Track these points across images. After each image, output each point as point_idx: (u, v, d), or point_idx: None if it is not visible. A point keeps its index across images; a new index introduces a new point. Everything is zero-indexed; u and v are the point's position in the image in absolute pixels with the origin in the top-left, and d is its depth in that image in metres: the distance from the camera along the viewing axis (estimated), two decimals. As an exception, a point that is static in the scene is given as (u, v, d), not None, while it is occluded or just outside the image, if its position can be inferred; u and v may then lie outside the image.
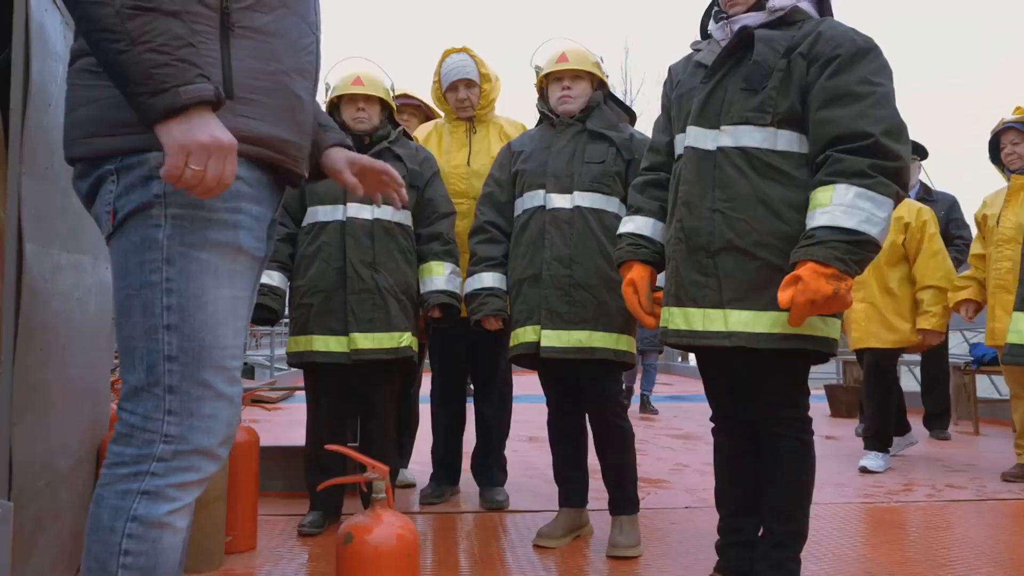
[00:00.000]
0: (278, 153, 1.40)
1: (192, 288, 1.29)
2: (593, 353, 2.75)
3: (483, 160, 3.50)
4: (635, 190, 2.38)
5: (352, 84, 3.15)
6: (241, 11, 1.34)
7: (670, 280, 2.15)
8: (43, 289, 1.95)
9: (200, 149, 1.19)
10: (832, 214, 1.88)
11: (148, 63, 1.16)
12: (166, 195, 1.28)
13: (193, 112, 1.19)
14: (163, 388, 1.29)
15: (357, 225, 3.05)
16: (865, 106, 1.94)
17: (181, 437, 1.29)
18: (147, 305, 1.29)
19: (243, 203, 1.34)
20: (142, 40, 1.16)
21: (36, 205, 1.90)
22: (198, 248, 1.29)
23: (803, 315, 1.89)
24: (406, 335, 3.09)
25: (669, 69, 2.37)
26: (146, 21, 1.17)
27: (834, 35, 2.02)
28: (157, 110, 1.18)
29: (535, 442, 5.20)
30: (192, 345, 1.29)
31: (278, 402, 7.82)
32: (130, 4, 1.16)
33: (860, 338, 4.49)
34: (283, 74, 1.38)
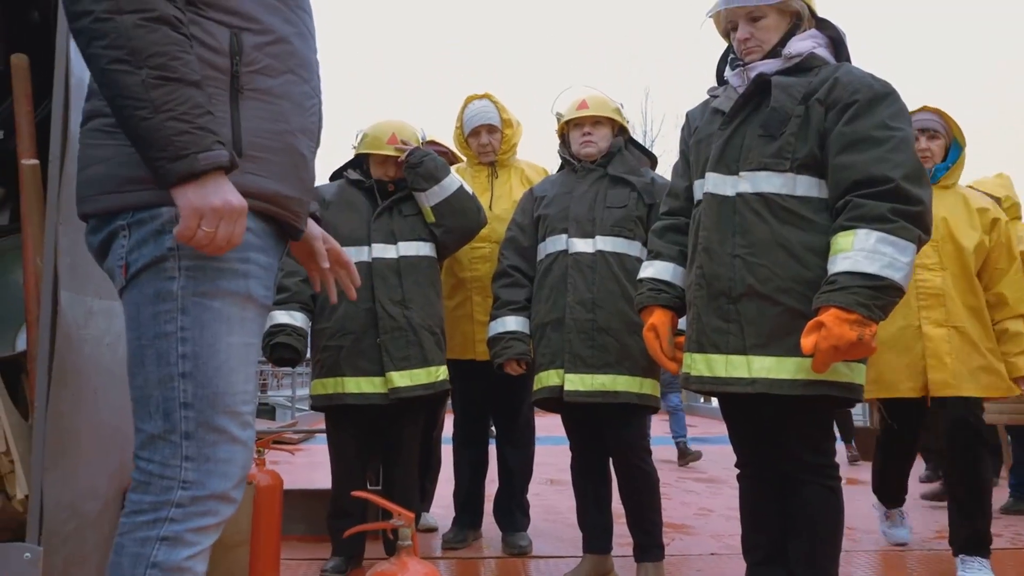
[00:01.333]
0: (282, 208, 1.45)
1: (206, 336, 1.33)
2: (616, 397, 2.75)
3: (505, 204, 3.53)
4: (655, 235, 2.40)
5: (387, 142, 3.20)
6: (250, 74, 1.39)
7: (691, 326, 2.15)
8: (76, 335, 1.99)
9: (212, 212, 1.25)
10: (854, 259, 1.89)
11: (169, 130, 1.22)
12: (179, 247, 1.32)
13: (208, 177, 1.25)
14: (180, 435, 1.32)
15: (384, 265, 3.08)
16: (884, 151, 1.95)
17: (198, 483, 1.32)
18: (162, 355, 1.33)
19: (252, 253, 1.39)
20: (165, 108, 1.22)
21: (71, 253, 1.94)
22: (211, 297, 1.34)
23: (827, 361, 1.88)
24: (441, 368, 3.11)
25: (687, 115, 2.40)
26: (170, 90, 1.23)
27: (851, 80, 2.03)
28: (176, 175, 1.23)
29: (557, 485, 5.15)
30: (207, 392, 1.33)
31: (299, 443, 7.82)
32: (156, 74, 1.22)
33: (944, 381, 2.93)
34: (289, 134, 1.44)
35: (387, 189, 3.20)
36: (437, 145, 4.18)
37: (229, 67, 1.37)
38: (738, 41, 2.18)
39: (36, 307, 1.94)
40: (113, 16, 1.22)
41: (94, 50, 1.23)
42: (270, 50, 1.42)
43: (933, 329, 2.97)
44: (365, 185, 3.20)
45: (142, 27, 1.22)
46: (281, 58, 1.44)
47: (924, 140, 3.10)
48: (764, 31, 2.15)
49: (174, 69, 1.23)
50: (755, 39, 2.15)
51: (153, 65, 1.22)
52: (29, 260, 2.04)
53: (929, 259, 2.99)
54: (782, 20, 2.16)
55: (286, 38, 1.45)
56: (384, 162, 3.21)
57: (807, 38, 2.15)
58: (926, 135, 3.11)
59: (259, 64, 1.40)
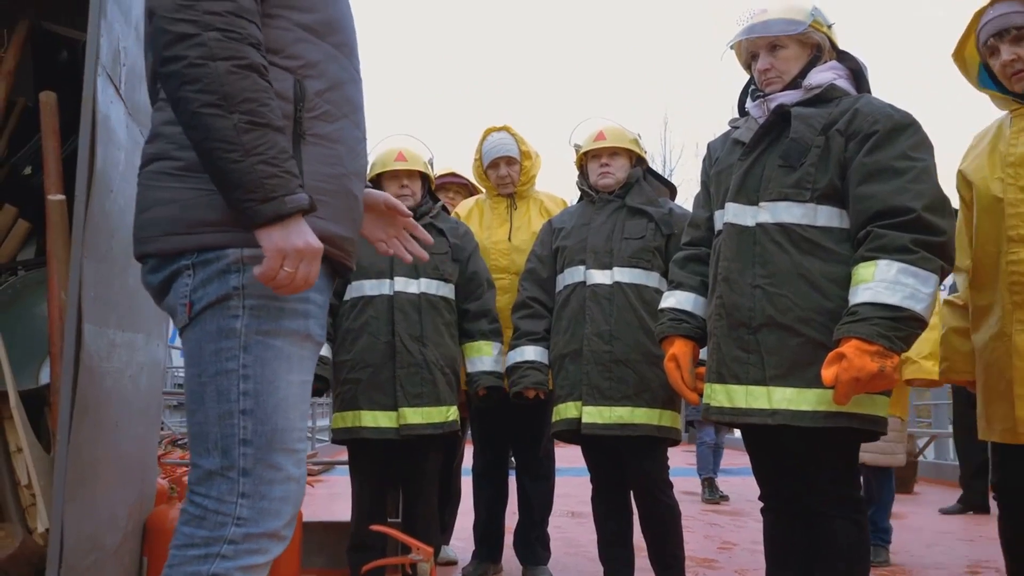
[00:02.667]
0: (338, 249, 1.49)
1: (267, 374, 1.36)
2: (635, 429, 2.73)
3: (524, 236, 3.54)
4: (676, 265, 2.39)
5: (395, 160, 3.22)
6: (311, 120, 1.44)
7: (712, 356, 2.14)
8: (98, 367, 2.01)
9: (295, 253, 1.30)
10: (875, 290, 1.87)
11: (260, 174, 1.27)
12: (244, 287, 1.36)
13: (292, 219, 1.30)
14: (238, 471, 1.34)
15: (405, 299, 3.08)
16: (905, 181, 1.94)
17: (252, 520, 1.33)
18: (222, 391, 1.35)
19: (311, 293, 1.42)
20: (255, 152, 1.27)
21: (95, 286, 1.97)
22: (273, 336, 1.37)
23: (848, 393, 1.86)
24: (452, 409, 3.10)
25: (708, 146, 2.40)
26: (259, 135, 1.28)
27: (871, 111, 2.03)
28: (265, 216, 1.28)
29: (578, 517, 5.10)
30: (266, 429, 1.35)
31: (319, 475, 7.82)
32: (247, 119, 1.27)
33: None
34: (345, 177, 1.49)
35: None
36: (457, 177, 4.22)
37: (293, 113, 1.41)
38: (759, 71, 2.19)
39: (60, 340, 1.97)
40: (207, 62, 1.26)
41: (185, 93, 1.27)
42: (329, 96, 1.47)
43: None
44: (386, 217, 3.22)
45: (234, 74, 1.27)
46: (338, 104, 1.49)
47: (1008, 47, 2.07)
48: (784, 62, 2.15)
49: (263, 115, 1.29)
50: (775, 69, 2.16)
51: (244, 110, 1.27)
52: (54, 294, 2.07)
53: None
54: (803, 51, 2.16)
55: (342, 84, 1.51)
56: (396, 177, 3.21)
57: (827, 69, 2.15)
58: (1009, 39, 2.07)
59: (320, 110, 1.45)
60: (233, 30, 1.28)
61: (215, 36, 1.27)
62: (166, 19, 1.28)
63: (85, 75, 1.95)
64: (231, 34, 1.28)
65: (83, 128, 1.95)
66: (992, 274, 2.03)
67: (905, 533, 4.81)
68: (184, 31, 1.27)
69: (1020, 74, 2.03)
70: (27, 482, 2.14)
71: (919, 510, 6.01)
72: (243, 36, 1.29)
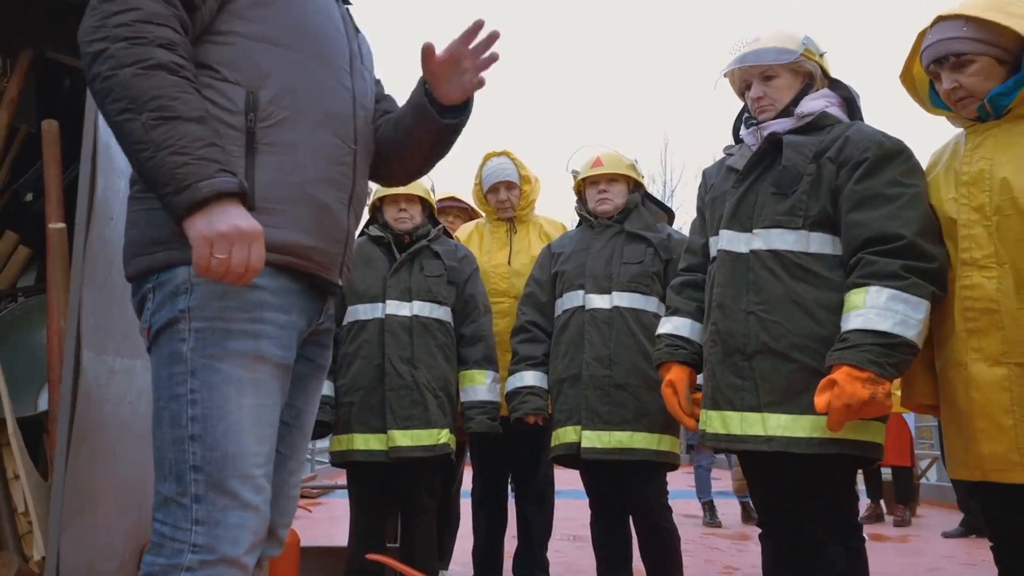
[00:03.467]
0: (302, 259, 1.44)
1: (215, 399, 1.33)
2: (634, 454, 2.73)
3: (524, 260, 3.55)
4: (673, 291, 2.40)
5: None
6: (266, 129, 1.42)
7: (707, 383, 2.14)
8: (97, 394, 2.01)
9: (221, 238, 1.26)
10: (866, 317, 1.88)
11: (171, 164, 1.26)
12: (190, 309, 1.34)
13: (214, 205, 1.27)
14: (190, 498, 1.32)
15: (396, 322, 3.08)
16: (895, 208, 1.94)
17: (208, 547, 1.31)
18: (175, 416, 1.34)
19: (265, 312, 1.39)
20: (165, 145, 1.26)
21: (95, 314, 1.98)
22: (219, 359, 1.34)
23: (840, 420, 1.86)
24: (444, 432, 3.08)
25: (703, 173, 2.42)
26: (168, 128, 1.26)
27: (861, 139, 2.04)
28: (182, 207, 1.26)
29: (578, 541, 5.07)
30: (215, 455, 1.33)
31: (318, 497, 7.78)
32: (155, 115, 1.27)
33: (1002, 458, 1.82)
34: (308, 184, 1.45)
35: (404, 241, 3.23)
36: (457, 201, 4.24)
37: (244, 124, 1.40)
38: (752, 99, 2.21)
39: (59, 367, 1.97)
40: (116, 71, 1.28)
41: (104, 107, 1.29)
42: (288, 103, 1.44)
43: (985, 370, 1.86)
44: (384, 241, 3.23)
45: (140, 75, 1.27)
46: (301, 110, 1.45)
47: (948, 74, 1.93)
48: (777, 90, 2.18)
49: (171, 108, 1.27)
50: (768, 98, 2.18)
51: (152, 108, 1.27)
52: (53, 321, 2.08)
53: (980, 248, 1.88)
54: (795, 80, 2.19)
55: (307, 90, 1.47)
56: (395, 201, 3.22)
57: (819, 97, 2.17)
58: (948, 66, 1.93)
59: (277, 117, 1.43)
60: (139, 36, 1.29)
61: (121, 46, 1.28)
62: (84, 42, 1.30)
63: (87, 104, 1.97)
64: (137, 40, 1.29)
65: (84, 156, 1.97)
66: (948, 299, 1.92)
67: (907, 557, 4.79)
68: (97, 49, 1.29)
69: (964, 101, 1.92)
70: (24, 509, 2.14)
71: (921, 533, 5.98)
72: (150, 39, 1.29)
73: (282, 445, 1.54)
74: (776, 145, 2.12)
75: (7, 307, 2.47)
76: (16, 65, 2.57)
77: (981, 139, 1.90)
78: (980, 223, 1.87)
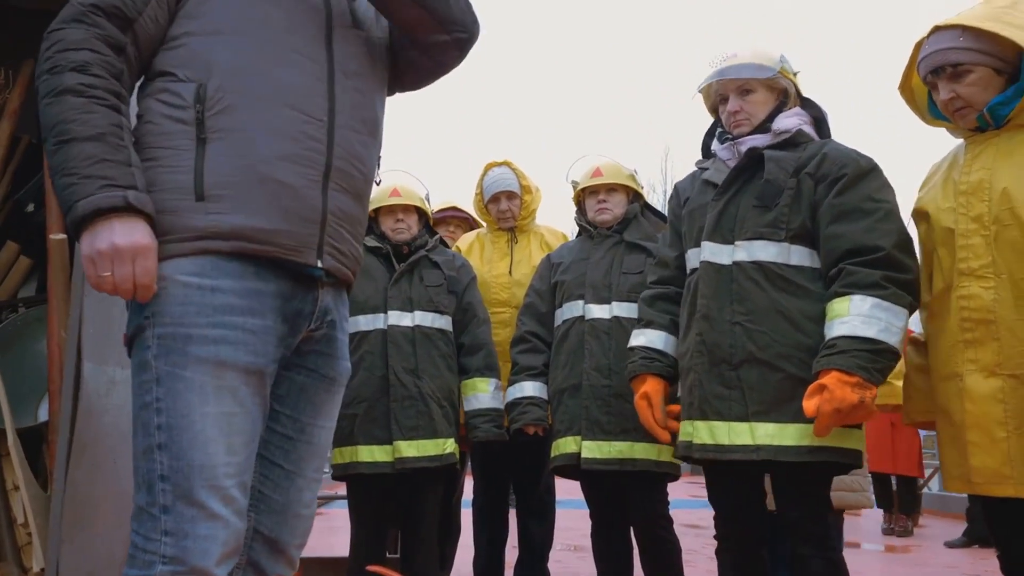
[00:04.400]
0: (261, 243, 1.38)
1: (179, 407, 1.31)
2: (634, 464, 2.73)
3: (524, 269, 3.56)
4: (644, 303, 2.42)
5: (390, 196, 3.25)
6: (215, 116, 1.40)
7: (691, 393, 2.15)
8: (97, 405, 2.01)
9: (100, 256, 1.28)
10: (851, 324, 1.93)
11: (61, 187, 1.29)
12: (153, 315, 1.34)
13: (97, 223, 1.28)
14: (159, 508, 1.30)
15: (398, 332, 3.08)
16: (873, 221, 2.01)
17: (176, 558, 1.29)
18: (144, 425, 1.33)
19: (228, 317, 1.35)
20: (60, 169, 1.29)
21: (95, 324, 1.98)
22: (182, 367, 1.32)
23: (829, 425, 1.90)
24: (449, 442, 3.08)
25: (676, 187, 2.47)
26: (63, 152, 1.29)
27: (838, 156, 2.12)
28: (72, 227, 1.29)
29: (579, 552, 5.06)
30: (181, 464, 1.30)
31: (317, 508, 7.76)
32: (54, 141, 1.31)
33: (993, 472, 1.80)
34: (261, 163, 1.39)
35: (402, 252, 3.23)
36: (457, 211, 4.24)
37: (194, 117, 1.39)
38: (728, 113, 2.27)
39: (59, 378, 1.97)
40: (40, 103, 1.33)
41: None
42: (235, 85, 1.41)
43: (980, 381, 1.82)
44: (382, 251, 3.23)
45: (48, 104, 1.32)
46: (250, 90, 1.41)
47: (946, 84, 1.91)
48: (753, 105, 2.24)
49: (67, 132, 1.30)
50: (744, 112, 2.24)
51: (54, 134, 1.31)
52: (54, 332, 2.08)
53: (978, 258, 1.84)
54: (770, 96, 2.26)
55: (257, 68, 1.43)
56: (392, 212, 3.22)
57: (793, 115, 2.24)
58: (946, 76, 1.91)
59: (223, 104, 1.41)
60: (56, 65, 1.34)
61: (43, 79, 1.34)
62: (37, 77, 1.36)
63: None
64: (54, 69, 1.34)
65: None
66: (946, 309, 1.92)
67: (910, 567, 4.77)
68: (39, 84, 1.35)
69: (962, 111, 1.92)
70: (23, 520, 2.13)
71: (923, 544, 5.96)
72: (63, 66, 1.33)
73: (286, 460, 1.51)
74: (756, 160, 2.18)
75: (8, 317, 2.47)
76: (18, 76, 2.58)
77: (981, 149, 1.91)
78: (978, 233, 1.85)
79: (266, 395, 1.43)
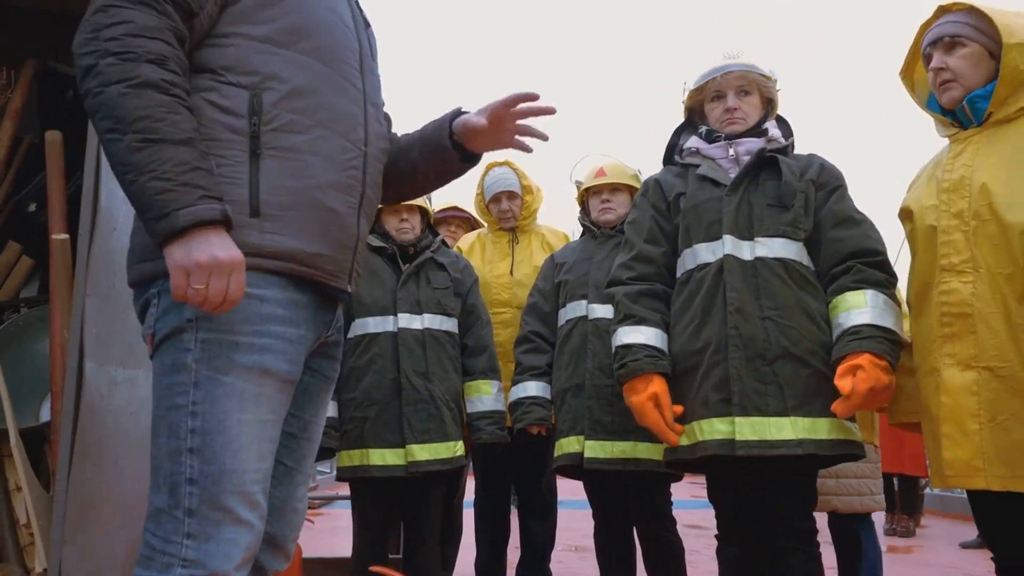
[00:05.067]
0: (309, 267, 1.41)
1: (216, 412, 1.31)
2: (637, 464, 2.71)
3: (526, 270, 3.55)
4: (629, 299, 2.31)
5: None
6: (271, 133, 1.39)
7: (724, 388, 2.09)
8: (99, 405, 2.01)
9: (198, 268, 1.24)
10: (872, 314, 2.03)
11: (152, 190, 1.23)
12: (197, 319, 1.32)
13: (193, 233, 1.24)
14: (183, 511, 1.29)
15: (409, 335, 3.06)
16: (866, 228, 2.17)
17: (198, 562, 1.29)
18: (173, 427, 1.31)
19: (272, 326, 1.36)
20: (148, 170, 1.23)
21: (97, 324, 1.98)
22: (224, 372, 1.32)
23: (858, 405, 1.96)
24: (459, 444, 3.07)
25: (657, 182, 2.39)
26: (152, 151, 1.23)
27: (831, 167, 2.28)
28: (161, 234, 1.24)
29: (581, 552, 5.05)
30: (212, 469, 1.30)
31: (319, 508, 7.76)
32: (139, 138, 1.24)
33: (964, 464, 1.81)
34: (315, 189, 1.41)
35: (408, 253, 3.22)
36: (458, 211, 4.24)
37: (248, 128, 1.37)
38: (725, 110, 2.32)
39: (61, 378, 1.97)
40: (104, 88, 1.25)
41: (95, 124, 1.28)
42: (294, 106, 1.41)
43: (956, 374, 1.83)
44: (388, 252, 3.21)
45: (125, 94, 1.24)
46: (308, 112, 1.42)
47: (939, 55, 1.95)
48: (750, 107, 2.33)
49: (156, 131, 1.24)
50: (742, 111, 2.31)
51: (137, 129, 1.24)
52: (56, 332, 2.07)
53: (958, 253, 1.86)
54: (760, 104, 2.36)
55: (315, 92, 1.44)
56: (396, 211, 3.20)
57: (774, 127, 2.35)
58: (941, 46, 1.96)
59: (281, 121, 1.40)
60: (128, 51, 1.26)
61: (109, 61, 1.25)
62: (77, 55, 1.28)
63: (90, 115, 1.97)
64: (126, 55, 1.26)
65: (87, 167, 1.97)
66: (927, 307, 1.93)
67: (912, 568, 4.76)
68: (88, 64, 1.26)
69: (947, 84, 1.93)
70: (26, 521, 2.13)
71: (925, 544, 5.95)
72: (139, 55, 1.26)
73: (288, 458, 1.52)
74: (764, 161, 2.25)
75: (10, 317, 2.47)
76: (20, 76, 2.58)
77: (962, 147, 1.94)
78: (959, 229, 1.86)
79: (289, 403, 1.45)
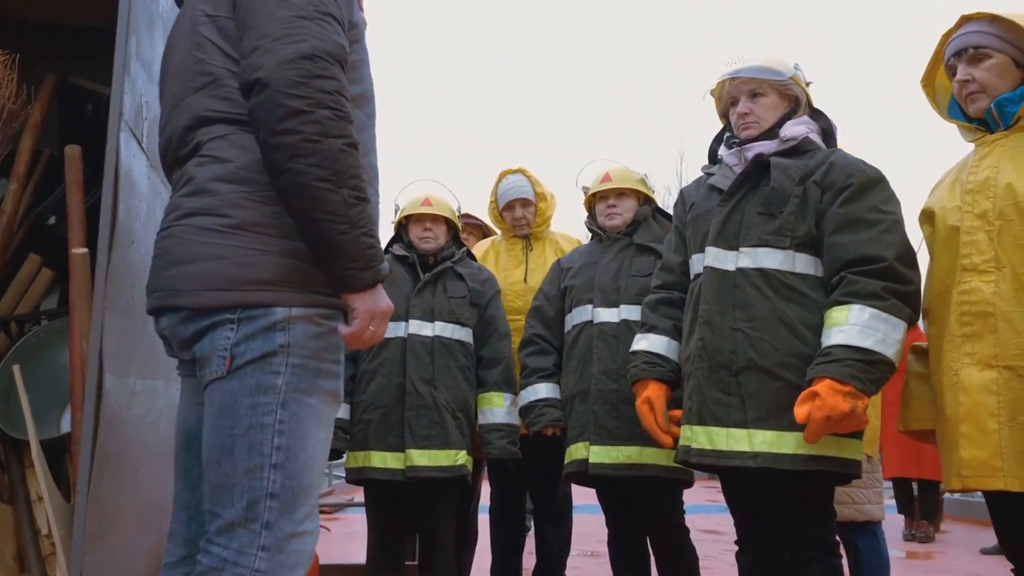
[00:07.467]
0: None
1: (300, 431, 1.41)
2: (644, 470, 2.70)
3: (540, 277, 3.54)
4: (648, 308, 2.43)
5: (421, 205, 3.27)
6: None
7: (691, 398, 2.16)
8: (118, 416, 2.03)
9: (382, 315, 1.48)
10: (848, 333, 1.93)
11: (363, 245, 1.41)
12: (289, 346, 1.42)
13: (379, 286, 1.47)
14: (261, 524, 1.37)
15: (418, 342, 3.09)
16: (876, 232, 2.01)
17: (270, 572, 1.37)
18: (255, 445, 1.39)
19: (338, 354, 1.51)
20: (359, 225, 1.40)
21: (116, 336, 2.00)
22: (308, 394, 1.43)
23: (819, 432, 1.90)
24: (462, 453, 3.08)
25: (681, 192, 2.48)
26: (361, 209, 1.40)
27: (845, 165, 2.11)
28: (365, 283, 1.42)
29: (596, 558, 5.05)
30: (293, 484, 1.40)
31: (333, 513, 7.79)
32: (353, 195, 1.39)
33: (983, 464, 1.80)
34: None
35: (428, 262, 3.24)
36: (472, 218, 4.25)
37: None
38: (737, 115, 2.27)
39: (81, 390, 2.00)
40: (322, 139, 1.36)
41: (297, 166, 1.36)
42: (366, 164, 1.54)
43: (975, 373, 1.81)
44: (408, 260, 3.24)
45: (344, 151, 1.38)
46: (367, 171, 1.54)
47: (963, 67, 1.95)
48: (764, 109, 2.25)
49: (363, 191, 1.41)
50: (754, 115, 2.25)
51: (351, 186, 1.39)
52: (76, 344, 2.10)
53: (980, 253, 1.86)
54: (781, 103, 2.26)
55: (369, 152, 1.59)
56: (420, 220, 3.24)
57: (800, 123, 2.24)
58: (966, 58, 1.95)
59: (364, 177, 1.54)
60: (341, 108, 1.39)
61: (327, 114, 1.37)
62: (282, 93, 1.35)
63: (108, 131, 2.00)
64: (340, 112, 1.39)
65: (106, 182, 1.99)
66: (945, 309, 1.91)
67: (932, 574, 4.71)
68: (299, 107, 1.35)
69: (973, 95, 1.94)
70: (47, 531, 2.16)
71: (946, 550, 5.90)
72: (346, 116, 1.40)
73: None
74: (762, 166, 2.18)
75: (31, 329, 2.50)
76: (40, 90, 2.62)
77: (988, 150, 1.93)
78: (982, 229, 1.87)
79: None
